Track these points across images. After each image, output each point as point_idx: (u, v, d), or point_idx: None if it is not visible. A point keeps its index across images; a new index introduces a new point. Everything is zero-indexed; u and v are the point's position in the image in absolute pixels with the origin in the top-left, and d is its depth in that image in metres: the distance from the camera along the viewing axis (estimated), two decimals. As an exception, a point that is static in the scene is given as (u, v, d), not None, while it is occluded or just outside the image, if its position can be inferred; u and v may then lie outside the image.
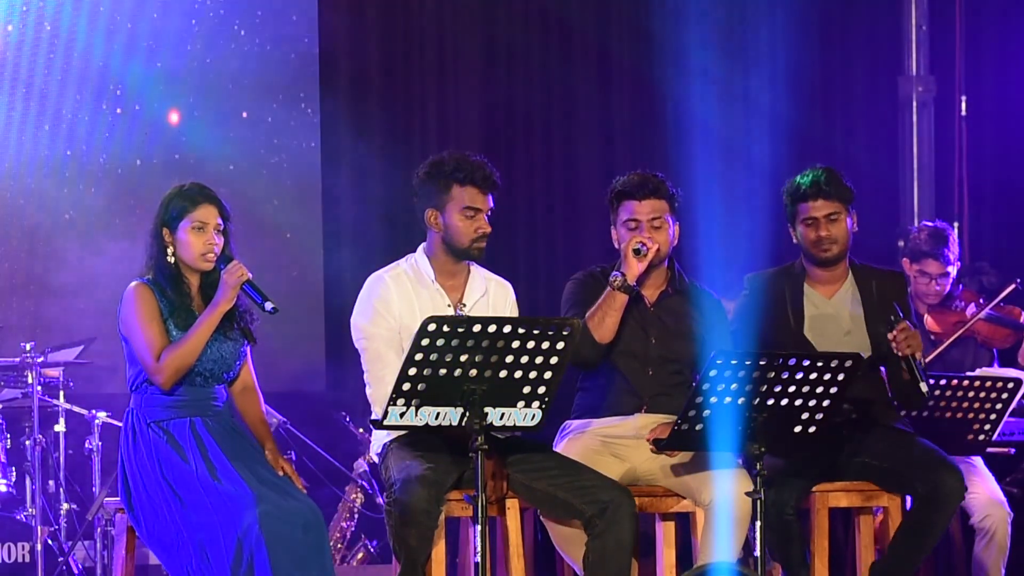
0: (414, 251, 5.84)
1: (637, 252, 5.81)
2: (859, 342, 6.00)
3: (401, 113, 9.36)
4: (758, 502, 5.41)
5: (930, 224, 7.43)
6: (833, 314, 6.06)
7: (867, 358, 5.93)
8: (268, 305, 5.38)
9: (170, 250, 5.46)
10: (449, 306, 5.75)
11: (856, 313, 6.06)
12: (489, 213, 5.73)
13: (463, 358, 5.07)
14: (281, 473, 5.44)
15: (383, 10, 9.36)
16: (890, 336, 5.85)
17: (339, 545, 8.41)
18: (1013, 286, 7.36)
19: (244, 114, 9.08)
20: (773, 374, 5.35)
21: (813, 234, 6.03)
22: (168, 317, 5.40)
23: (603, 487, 5.54)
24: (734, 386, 5.34)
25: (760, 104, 9.66)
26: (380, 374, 5.63)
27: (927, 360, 6.43)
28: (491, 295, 5.82)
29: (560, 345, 5.16)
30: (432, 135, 9.35)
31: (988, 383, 6.34)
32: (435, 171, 5.73)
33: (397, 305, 5.68)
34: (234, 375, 5.54)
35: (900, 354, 5.84)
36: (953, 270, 7.25)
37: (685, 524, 5.98)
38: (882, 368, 6.03)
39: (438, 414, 5.14)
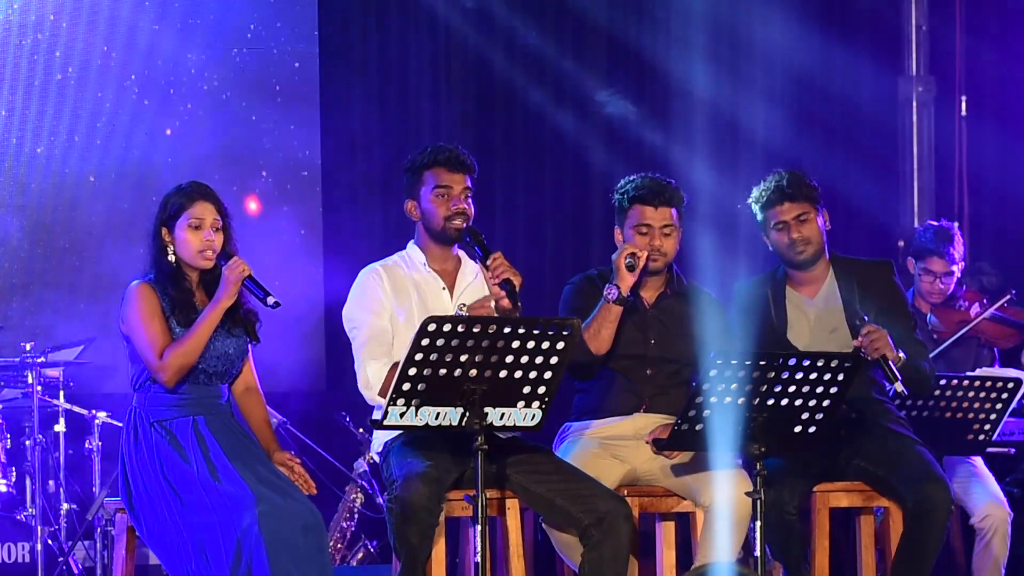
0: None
1: (631, 267, 5.81)
2: (845, 339, 5.99)
3: (402, 114, 9.36)
4: (758, 502, 5.41)
5: (935, 223, 7.42)
6: (816, 314, 6.06)
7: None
8: (270, 300, 5.39)
9: (170, 249, 5.47)
10: (444, 288, 5.78)
11: (837, 311, 6.05)
12: (468, 195, 5.75)
13: (463, 358, 5.07)
14: (293, 471, 5.46)
15: (383, 9, 9.37)
16: (856, 343, 5.82)
17: (339, 545, 8.41)
18: (1008, 296, 7.37)
19: (244, 114, 9.08)
20: (773, 374, 5.35)
21: (786, 238, 6.03)
22: (170, 315, 5.41)
23: (601, 497, 5.53)
24: (734, 386, 5.34)
25: (760, 104, 9.66)
26: (370, 356, 5.65)
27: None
28: (483, 278, 5.83)
29: (560, 345, 5.15)
30: (433, 135, 9.35)
31: (988, 383, 6.34)
32: (408, 164, 5.84)
33: (390, 293, 5.73)
34: (237, 372, 5.54)
35: (870, 358, 5.81)
36: (957, 269, 7.25)
37: (685, 524, 5.98)
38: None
39: (438, 414, 5.14)
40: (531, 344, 5.12)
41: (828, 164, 9.62)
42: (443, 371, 5.08)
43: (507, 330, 5.09)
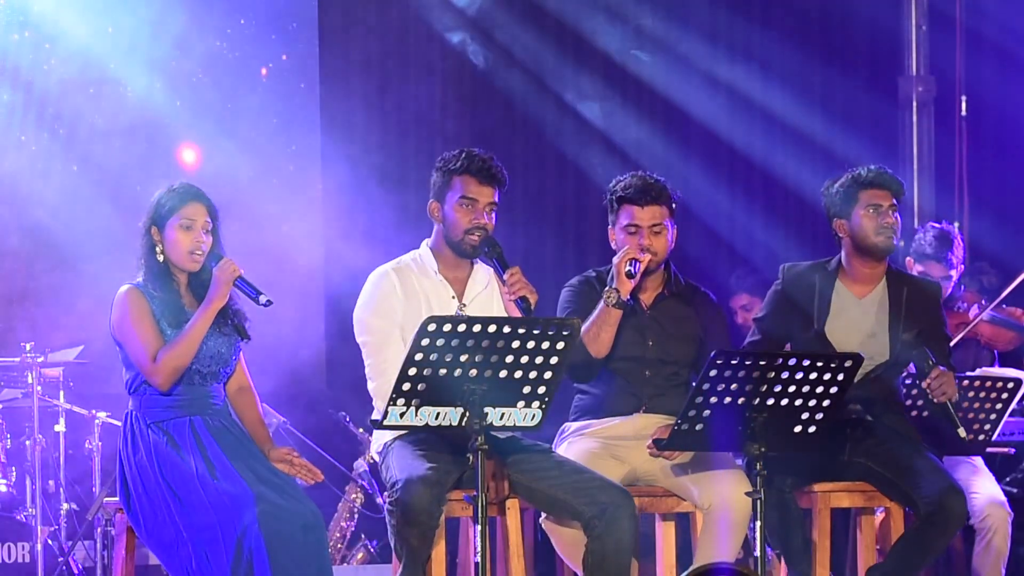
0: (418, 247, 5.87)
1: (630, 275, 5.80)
2: (880, 347, 6.00)
3: (403, 111, 9.36)
4: (758, 502, 5.40)
5: (936, 226, 7.42)
6: (859, 315, 6.04)
7: (883, 362, 5.98)
8: (262, 299, 5.39)
9: (159, 248, 5.46)
10: (453, 297, 5.77)
11: (883, 317, 6.05)
12: (492, 209, 5.72)
13: (463, 358, 5.07)
14: (293, 464, 5.45)
15: (382, 8, 9.37)
16: (924, 384, 5.86)
17: (339, 545, 8.42)
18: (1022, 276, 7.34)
19: (243, 113, 9.09)
20: (773, 374, 5.35)
21: (875, 221, 6.01)
22: (160, 317, 5.40)
23: (603, 488, 5.53)
24: (734, 386, 5.33)
25: (760, 104, 9.66)
26: (382, 367, 5.64)
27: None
28: (493, 287, 5.82)
29: (560, 345, 5.15)
30: (433, 133, 9.35)
31: (988, 383, 6.34)
32: (441, 164, 5.78)
33: (401, 298, 5.70)
34: (231, 371, 5.54)
35: (936, 401, 5.85)
36: (956, 273, 7.25)
37: (685, 524, 5.98)
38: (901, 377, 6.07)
39: (438, 414, 5.14)
40: (531, 344, 5.12)
41: (828, 164, 9.62)
42: (443, 371, 5.07)
43: (507, 330, 5.09)
